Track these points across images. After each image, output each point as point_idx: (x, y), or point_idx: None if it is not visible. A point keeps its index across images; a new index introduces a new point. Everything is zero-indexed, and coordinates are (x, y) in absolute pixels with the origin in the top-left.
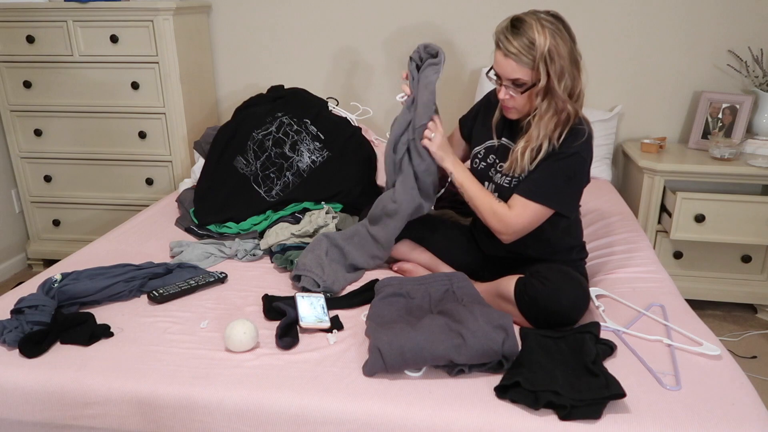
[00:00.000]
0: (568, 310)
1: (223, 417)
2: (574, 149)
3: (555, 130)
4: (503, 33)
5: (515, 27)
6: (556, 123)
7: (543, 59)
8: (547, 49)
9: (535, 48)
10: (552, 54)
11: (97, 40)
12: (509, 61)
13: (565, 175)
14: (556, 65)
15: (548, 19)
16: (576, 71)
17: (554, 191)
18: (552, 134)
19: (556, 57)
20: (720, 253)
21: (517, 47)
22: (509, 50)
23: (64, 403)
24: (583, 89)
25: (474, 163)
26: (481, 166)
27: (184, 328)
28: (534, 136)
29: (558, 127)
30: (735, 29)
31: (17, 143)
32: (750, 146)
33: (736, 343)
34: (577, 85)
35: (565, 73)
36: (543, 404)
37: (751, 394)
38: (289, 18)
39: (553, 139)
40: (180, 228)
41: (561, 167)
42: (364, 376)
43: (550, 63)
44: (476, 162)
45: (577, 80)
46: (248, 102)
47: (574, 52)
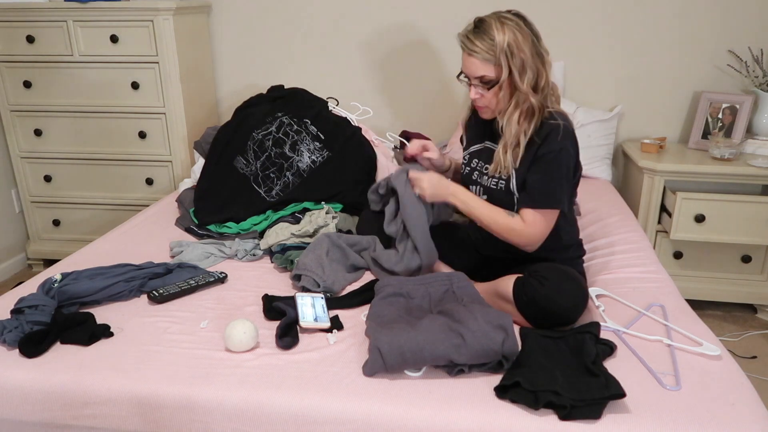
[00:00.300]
0: (567, 309)
1: (222, 417)
2: (558, 145)
3: (522, 123)
4: (465, 35)
5: (477, 27)
6: (521, 116)
7: (503, 54)
8: (506, 44)
9: (495, 44)
10: (512, 48)
11: (97, 40)
12: (473, 59)
13: (559, 174)
14: (516, 59)
15: (508, 17)
16: (540, 65)
17: (555, 192)
18: (521, 128)
19: (516, 51)
20: (720, 253)
21: (480, 46)
22: (472, 49)
23: (64, 403)
24: (552, 83)
25: (462, 168)
26: (466, 170)
27: (184, 328)
28: (507, 133)
29: (525, 120)
30: (735, 29)
31: (17, 143)
32: (750, 146)
33: (736, 343)
34: (542, 79)
35: (527, 66)
36: (543, 404)
37: (751, 394)
38: (289, 18)
39: (527, 133)
40: (180, 228)
41: (554, 167)
42: (364, 376)
43: (510, 57)
44: (463, 167)
45: (542, 73)
46: (248, 102)
47: (537, 46)
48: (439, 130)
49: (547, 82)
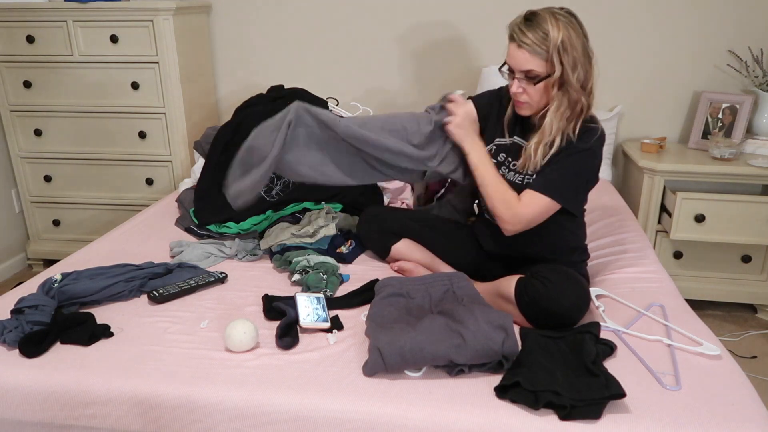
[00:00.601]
0: (569, 310)
1: (222, 417)
2: (587, 144)
3: (569, 123)
4: (518, 25)
5: (529, 20)
6: (570, 116)
7: (557, 50)
8: (560, 40)
9: (548, 39)
10: (566, 45)
11: (97, 40)
12: (523, 51)
13: (574, 170)
14: (569, 56)
15: (562, 14)
16: (589, 65)
17: (563, 186)
18: (566, 128)
19: (569, 48)
20: (720, 253)
21: (531, 38)
22: (523, 41)
23: (64, 403)
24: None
25: None
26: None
27: (184, 328)
28: (547, 131)
29: (572, 121)
30: (735, 29)
31: (17, 143)
32: (750, 146)
33: (736, 343)
34: (590, 79)
35: (578, 64)
36: (543, 404)
37: (751, 394)
38: (289, 18)
39: (567, 133)
40: (180, 228)
41: (571, 162)
42: (364, 376)
43: (563, 54)
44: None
45: (590, 74)
46: (248, 102)
47: (587, 47)
48: None
49: (593, 83)
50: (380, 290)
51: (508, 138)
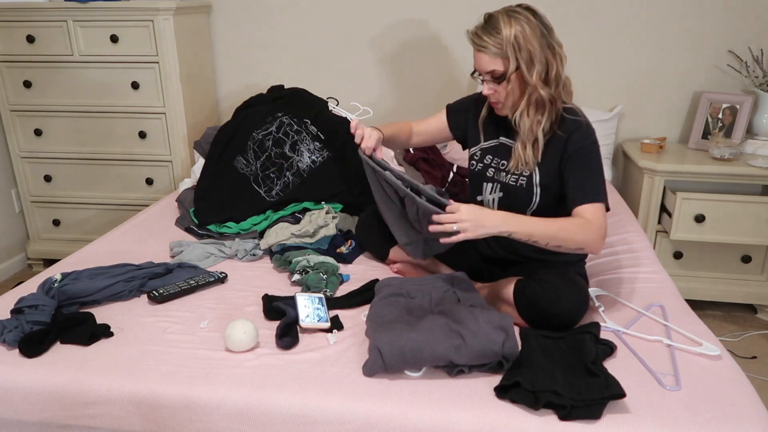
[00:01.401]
0: (568, 312)
1: (222, 417)
2: (589, 139)
3: (534, 116)
4: (474, 31)
5: (486, 22)
6: (539, 111)
7: (510, 47)
8: (513, 37)
9: (502, 38)
10: (519, 41)
11: (97, 40)
12: (482, 54)
13: (598, 168)
14: (524, 51)
15: (517, 10)
16: (551, 57)
17: (598, 186)
18: (533, 121)
19: (523, 43)
20: (720, 253)
21: (486, 39)
22: (480, 45)
23: (64, 403)
24: (564, 75)
25: (471, 165)
26: (479, 167)
27: (184, 328)
28: (523, 130)
29: (536, 113)
30: (735, 29)
31: (17, 143)
32: (750, 146)
33: (736, 343)
34: (552, 71)
35: (535, 59)
36: (543, 404)
37: (751, 394)
38: (289, 18)
39: (543, 127)
40: (180, 228)
41: (592, 162)
42: (364, 376)
43: (518, 50)
44: (472, 164)
45: (552, 65)
46: (248, 102)
47: (548, 38)
48: None
49: (558, 74)
50: (380, 290)
51: (494, 140)
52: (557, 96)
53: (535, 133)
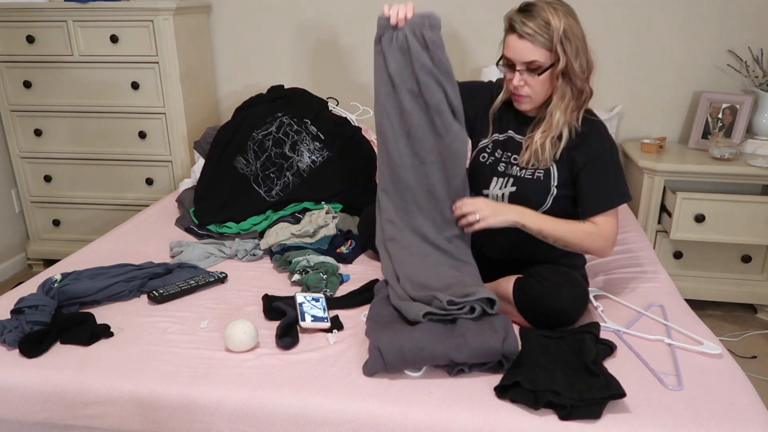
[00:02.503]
0: (567, 309)
1: (222, 417)
2: (608, 141)
3: (574, 113)
4: (517, 15)
5: (527, 10)
6: (575, 106)
7: (560, 39)
8: (563, 29)
9: (551, 28)
10: (568, 33)
11: (97, 40)
12: (525, 42)
13: (618, 168)
14: (572, 44)
15: (558, 3)
16: (588, 53)
17: (620, 186)
18: (572, 119)
19: (572, 36)
20: (720, 253)
21: (533, 27)
22: (525, 31)
23: (64, 403)
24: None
25: (481, 157)
26: (490, 160)
27: (184, 328)
28: (555, 124)
29: (575, 111)
30: (735, 29)
31: (17, 143)
32: (750, 146)
33: (736, 343)
34: (591, 66)
35: (581, 52)
36: (543, 404)
37: (751, 394)
38: (290, 18)
39: (572, 125)
40: (180, 228)
41: (612, 164)
42: (364, 376)
43: (566, 42)
44: (484, 156)
45: (591, 62)
46: (248, 102)
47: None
48: None
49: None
50: (380, 290)
51: (503, 133)
52: (593, 92)
53: (563, 130)
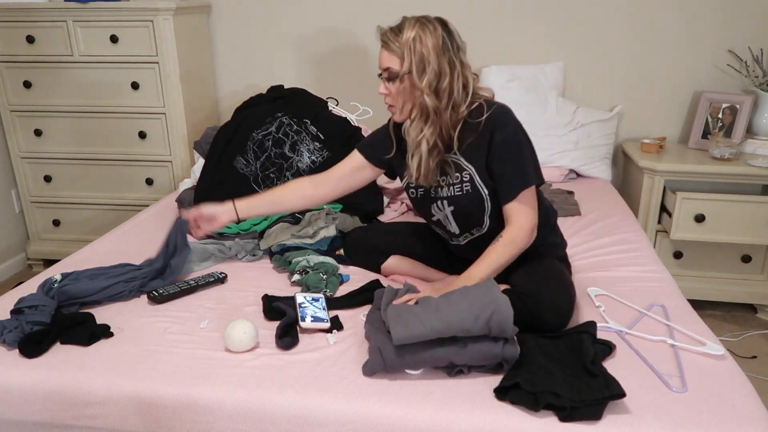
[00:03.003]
0: (553, 318)
1: (223, 417)
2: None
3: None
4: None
5: (398, 23)
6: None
7: (407, 48)
8: (411, 39)
9: (401, 37)
10: (415, 43)
11: (97, 40)
12: (383, 50)
13: (523, 153)
14: (416, 55)
15: (427, 18)
16: (448, 70)
17: (524, 171)
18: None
19: (418, 47)
20: (720, 253)
21: (390, 37)
22: (383, 39)
23: (64, 403)
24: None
25: (410, 194)
26: (420, 193)
27: (184, 328)
28: (411, 142)
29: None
30: (735, 29)
31: (17, 143)
32: (750, 146)
33: (736, 343)
34: (444, 82)
35: (427, 66)
36: (543, 405)
37: (751, 394)
38: (289, 18)
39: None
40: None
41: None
42: (363, 376)
43: (412, 52)
44: (412, 192)
45: (445, 77)
46: (248, 102)
47: (450, 52)
48: None
49: (451, 89)
50: (379, 298)
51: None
52: (443, 109)
53: (420, 145)
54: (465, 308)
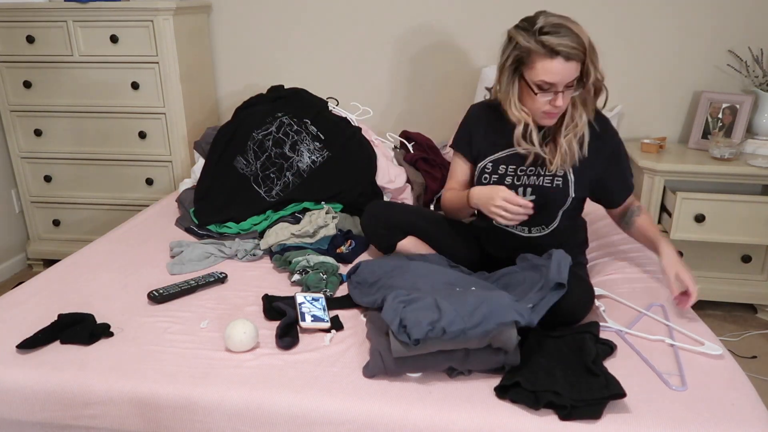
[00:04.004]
0: (575, 306)
1: (222, 417)
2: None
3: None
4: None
5: (557, 32)
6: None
7: (591, 50)
8: (588, 41)
9: (582, 43)
10: (592, 44)
11: (97, 40)
12: (571, 63)
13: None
14: (596, 54)
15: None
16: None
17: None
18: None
19: (594, 46)
20: (720, 253)
21: (573, 46)
22: (570, 54)
23: (64, 403)
24: None
25: (483, 179)
26: (493, 179)
27: (184, 328)
28: (582, 126)
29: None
30: (735, 29)
31: (17, 143)
32: (750, 146)
33: (736, 343)
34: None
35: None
36: (543, 404)
37: (751, 394)
38: (289, 18)
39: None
40: (180, 228)
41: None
42: (364, 377)
43: (593, 54)
44: (485, 177)
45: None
46: (248, 102)
47: None
48: (440, 130)
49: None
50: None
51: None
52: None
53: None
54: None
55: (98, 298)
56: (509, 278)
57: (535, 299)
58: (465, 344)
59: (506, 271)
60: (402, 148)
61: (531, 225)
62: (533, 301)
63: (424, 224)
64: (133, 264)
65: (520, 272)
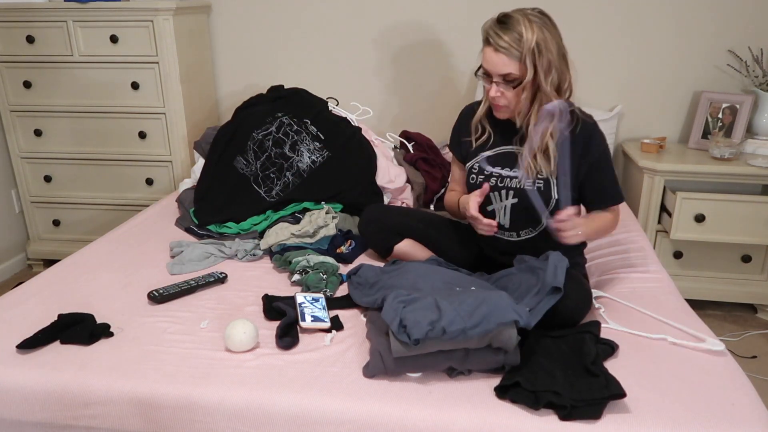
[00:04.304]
0: (571, 309)
1: (222, 417)
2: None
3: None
4: (492, 28)
5: (503, 22)
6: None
7: (531, 53)
8: (535, 43)
9: (523, 41)
10: (540, 47)
11: (97, 40)
12: (500, 55)
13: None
14: (543, 59)
15: (535, 15)
16: (564, 66)
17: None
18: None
19: (544, 51)
20: (720, 253)
21: (507, 41)
22: (500, 45)
23: (64, 403)
24: (572, 84)
25: (471, 180)
26: (480, 179)
27: (184, 328)
28: (536, 139)
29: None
30: (735, 29)
31: (17, 143)
32: (750, 146)
33: (736, 343)
34: (565, 80)
35: (553, 67)
36: (543, 404)
37: (751, 394)
38: (289, 18)
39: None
40: (180, 228)
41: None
42: (364, 377)
43: (538, 57)
44: (473, 177)
45: (565, 75)
46: (248, 102)
47: (562, 47)
48: (440, 130)
49: (570, 84)
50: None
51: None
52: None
53: (547, 142)
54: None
55: (98, 298)
56: (506, 280)
57: (532, 303)
58: (465, 344)
59: (504, 273)
60: (402, 148)
61: (518, 229)
62: (530, 305)
63: (421, 226)
64: (133, 264)
65: (517, 274)
